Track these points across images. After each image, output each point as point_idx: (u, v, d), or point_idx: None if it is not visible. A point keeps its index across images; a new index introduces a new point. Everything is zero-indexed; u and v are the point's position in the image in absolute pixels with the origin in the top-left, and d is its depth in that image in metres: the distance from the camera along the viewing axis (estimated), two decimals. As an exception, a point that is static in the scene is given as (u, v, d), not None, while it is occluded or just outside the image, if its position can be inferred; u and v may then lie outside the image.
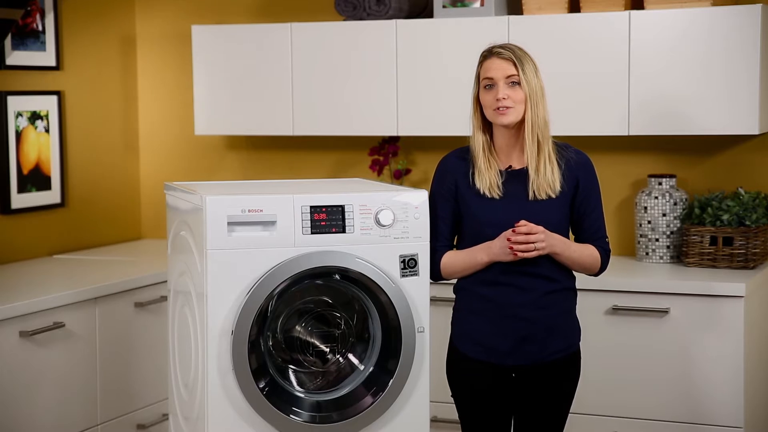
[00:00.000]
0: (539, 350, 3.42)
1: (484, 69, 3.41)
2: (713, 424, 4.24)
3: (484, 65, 3.42)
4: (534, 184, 3.40)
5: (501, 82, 3.37)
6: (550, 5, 4.67)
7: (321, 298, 3.65)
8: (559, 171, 3.41)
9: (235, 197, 3.47)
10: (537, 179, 3.40)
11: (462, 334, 3.50)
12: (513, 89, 3.38)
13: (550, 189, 3.40)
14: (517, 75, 3.37)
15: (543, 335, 3.42)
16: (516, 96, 3.37)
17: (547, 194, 3.40)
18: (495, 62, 3.39)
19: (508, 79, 3.37)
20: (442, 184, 3.52)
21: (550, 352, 3.43)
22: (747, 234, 4.47)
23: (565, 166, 3.43)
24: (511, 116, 3.38)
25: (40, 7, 4.99)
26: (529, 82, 3.38)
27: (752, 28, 4.34)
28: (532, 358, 3.42)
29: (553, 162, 3.41)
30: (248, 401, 3.46)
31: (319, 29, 4.95)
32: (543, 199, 3.40)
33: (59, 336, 4.19)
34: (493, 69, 3.39)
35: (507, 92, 3.37)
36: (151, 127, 5.63)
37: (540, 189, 3.40)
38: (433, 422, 4.25)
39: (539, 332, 3.41)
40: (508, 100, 3.36)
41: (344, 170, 5.31)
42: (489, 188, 3.42)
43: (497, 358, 3.44)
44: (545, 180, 3.39)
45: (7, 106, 4.84)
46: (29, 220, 5.00)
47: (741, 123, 4.38)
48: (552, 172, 3.40)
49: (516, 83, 3.38)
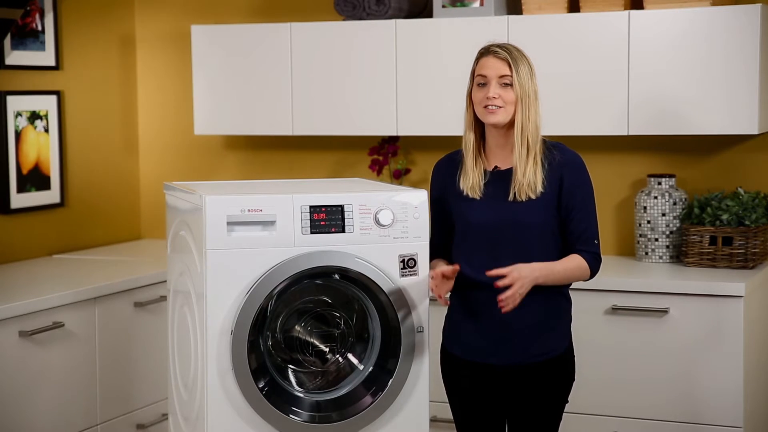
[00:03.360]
0: (520, 351, 3.40)
1: (479, 66, 3.41)
2: (713, 424, 4.24)
3: (480, 62, 3.41)
4: (516, 184, 3.38)
5: (494, 81, 3.36)
6: (550, 5, 4.67)
7: (320, 298, 3.65)
8: (542, 172, 3.39)
9: (235, 197, 3.47)
10: (520, 180, 3.37)
11: (450, 334, 3.52)
12: (505, 90, 3.37)
13: (531, 190, 3.37)
14: (510, 76, 3.36)
15: (522, 337, 3.39)
16: (507, 97, 3.36)
17: (527, 195, 3.38)
18: (490, 60, 3.39)
19: (501, 78, 3.37)
20: (435, 186, 3.55)
21: (532, 354, 3.40)
22: (746, 234, 4.47)
23: (548, 166, 3.40)
24: (500, 116, 3.37)
25: (39, 7, 4.99)
26: (522, 84, 3.37)
27: (752, 28, 4.34)
28: (513, 359, 3.41)
29: (538, 164, 3.39)
30: (248, 401, 3.47)
31: (319, 29, 4.95)
32: (523, 200, 3.39)
33: (59, 336, 4.19)
34: (488, 67, 3.38)
35: (498, 92, 3.36)
36: (151, 127, 5.63)
37: (521, 190, 3.37)
38: (433, 422, 4.25)
39: (518, 333, 3.39)
40: (498, 99, 3.36)
41: (344, 170, 5.31)
42: (471, 189, 3.42)
43: (481, 357, 3.43)
44: (526, 181, 3.37)
45: (7, 105, 4.84)
46: (29, 220, 5.00)
47: (740, 123, 4.38)
48: (534, 173, 3.37)
49: (508, 84, 3.37)
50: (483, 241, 3.39)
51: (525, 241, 3.37)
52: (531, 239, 3.38)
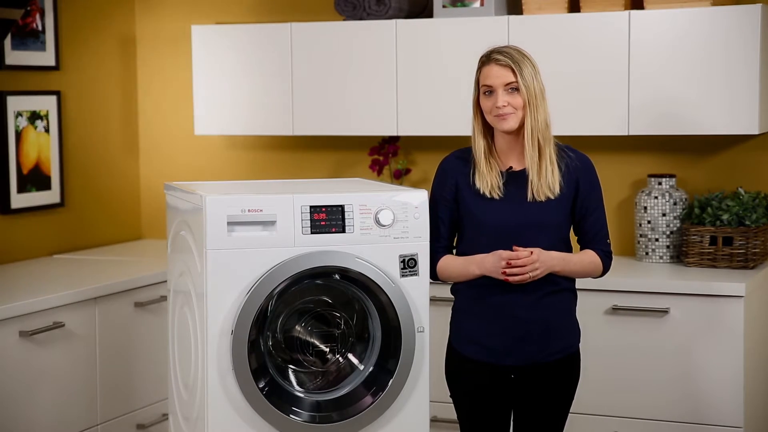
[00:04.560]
0: (537, 351, 3.42)
1: (482, 76, 3.40)
2: (713, 424, 4.24)
3: (483, 72, 3.40)
4: (534, 186, 3.39)
5: (500, 90, 3.36)
6: (550, 5, 4.67)
7: (321, 298, 3.65)
8: (559, 173, 3.41)
9: (235, 197, 3.47)
10: (537, 182, 3.39)
11: (460, 334, 3.50)
12: (512, 95, 3.36)
13: (550, 191, 3.39)
14: (515, 82, 3.36)
15: (540, 336, 3.41)
16: (515, 102, 3.36)
17: (546, 196, 3.39)
18: (493, 69, 3.38)
19: (507, 86, 3.36)
20: (443, 185, 3.51)
21: (549, 353, 3.43)
22: (747, 234, 4.47)
23: (566, 168, 3.42)
24: (512, 121, 3.37)
25: (39, 7, 4.99)
26: (528, 87, 3.36)
27: (752, 28, 4.34)
28: (530, 359, 3.42)
29: (554, 164, 3.40)
30: (248, 401, 3.46)
31: (319, 29, 4.95)
32: (542, 200, 3.40)
33: (59, 336, 4.19)
34: (492, 76, 3.37)
35: (506, 99, 3.36)
36: (151, 127, 5.63)
37: (539, 192, 3.39)
38: (433, 422, 4.25)
39: (536, 333, 3.41)
40: (507, 107, 3.36)
41: (344, 170, 5.31)
42: (490, 189, 3.41)
43: (496, 358, 3.43)
44: (545, 182, 3.38)
45: (7, 106, 4.84)
46: (29, 220, 5.00)
47: (741, 123, 4.38)
48: (552, 174, 3.39)
49: (515, 89, 3.36)
50: (500, 241, 3.38)
51: (541, 240, 3.39)
52: (547, 239, 3.40)
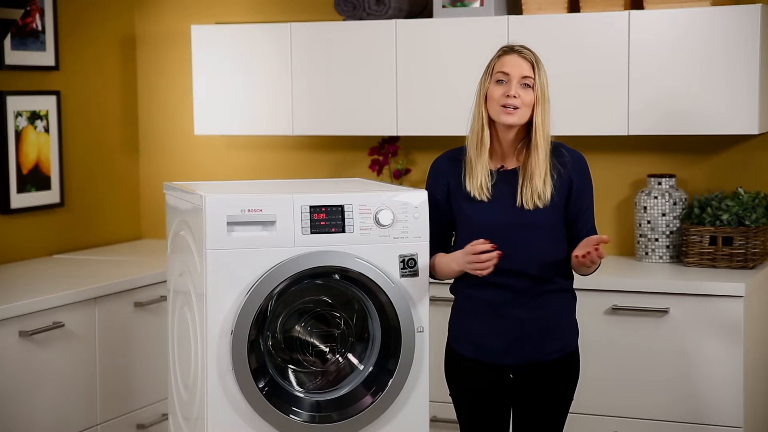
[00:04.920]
0: (535, 350, 3.41)
1: (500, 62, 3.37)
2: (713, 424, 4.24)
3: (502, 59, 3.38)
4: (523, 192, 3.36)
5: (515, 81, 3.34)
6: (550, 5, 4.67)
7: (320, 298, 3.65)
8: (551, 182, 3.38)
9: (235, 197, 3.47)
10: (528, 188, 3.36)
11: (458, 334, 3.50)
12: (525, 90, 3.35)
13: (539, 200, 3.37)
14: (532, 78, 3.35)
15: (538, 335, 3.41)
16: (526, 98, 3.35)
17: (534, 204, 3.37)
18: (514, 59, 3.36)
19: (523, 79, 3.34)
20: (436, 186, 3.52)
21: (547, 353, 3.42)
22: (746, 234, 4.47)
23: (557, 175, 3.40)
24: (516, 117, 3.35)
25: (39, 7, 4.99)
26: (542, 87, 3.36)
27: (752, 28, 4.34)
28: (527, 358, 3.42)
29: (548, 174, 3.38)
30: (248, 401, 3.46)
31: (319, 29, 4.95)
32: (530, 209, 3.37)
33: (59, 336, 4.19)
34: (511, 65, 3.35)
35: (519, 92, 3.34)
36: (151, 127, 5.63)
37: (528, 201, 3.36)
38: (433, 422, 4.25)
39: (533, 332, 3.40)
40: (518, 99, 3.34)
41: (344, 170, 5.31)
42: (479, 190, 3.40)
43: (494, 358, 3.43)
44: (535, 191, 3.35)
45: (7, 106, 4.84)
46: (29, 220, 5.00)
47: (741, 123, 4.38)
48: (544, 183, 3.37)
49: (529, 86, 3.35)
50: (493, 241, 3.34)
51: (536, 239, 3.38)
52: (541, 237, 3.39)
